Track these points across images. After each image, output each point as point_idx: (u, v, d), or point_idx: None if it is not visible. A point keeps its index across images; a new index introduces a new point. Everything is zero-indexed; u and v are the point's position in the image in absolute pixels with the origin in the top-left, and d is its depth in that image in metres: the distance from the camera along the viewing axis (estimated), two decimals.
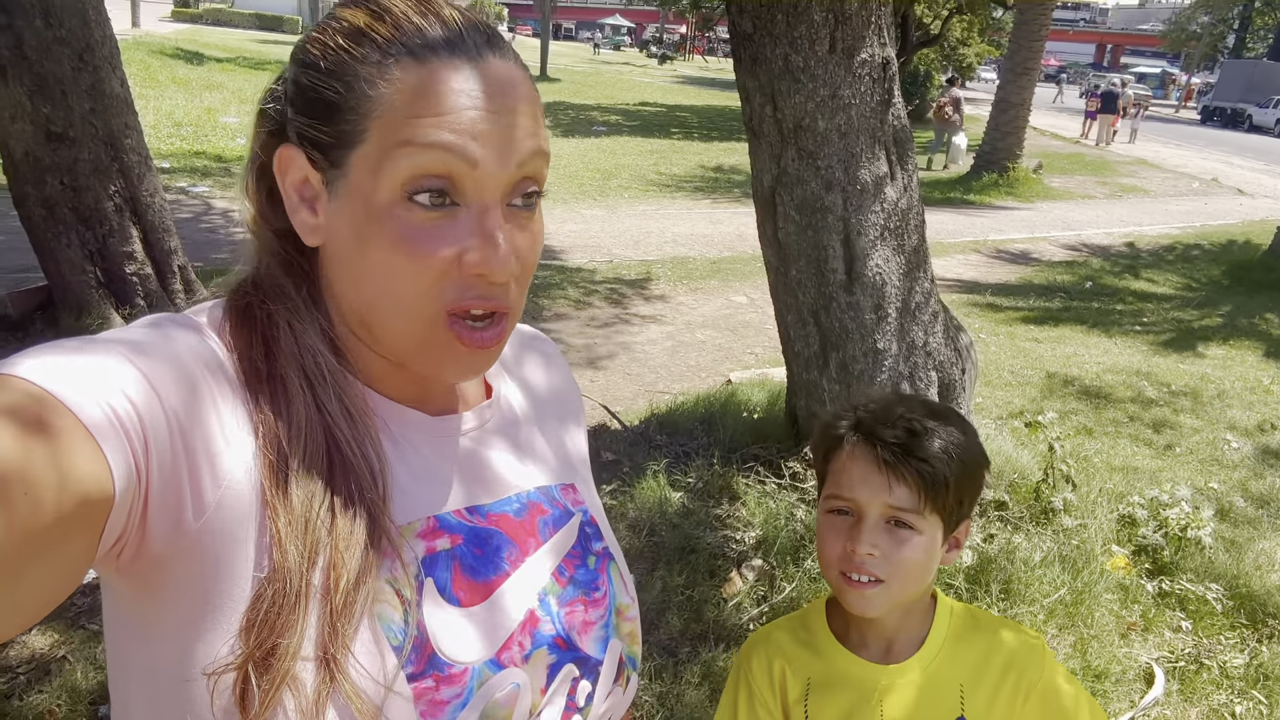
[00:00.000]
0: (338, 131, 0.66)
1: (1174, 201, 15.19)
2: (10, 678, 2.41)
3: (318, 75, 0.66)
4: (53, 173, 4.42)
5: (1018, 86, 14.23)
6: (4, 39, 4.13)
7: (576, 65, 35.92)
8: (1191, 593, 3.05)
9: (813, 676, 1.12)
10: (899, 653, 1.10)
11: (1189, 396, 5.46)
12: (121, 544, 0.57)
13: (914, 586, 1.08)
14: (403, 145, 0.63)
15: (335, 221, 0.68)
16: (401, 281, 0.65)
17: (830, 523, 1.08)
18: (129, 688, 0.66)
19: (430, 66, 0.64)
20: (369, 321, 0.70)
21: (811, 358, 3.47)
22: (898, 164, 3.32)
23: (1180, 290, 8.95)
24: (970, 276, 8.86)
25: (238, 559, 0.61)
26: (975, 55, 22.68)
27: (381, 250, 0.65)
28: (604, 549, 0.84)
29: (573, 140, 15.78)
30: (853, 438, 1.08)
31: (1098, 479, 3.91)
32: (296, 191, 0.69)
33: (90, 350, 0.58)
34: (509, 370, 0.88)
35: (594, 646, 0.78)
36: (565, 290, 7.04)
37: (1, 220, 6.61)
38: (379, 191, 0.64)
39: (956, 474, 1.05)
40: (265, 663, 0.59)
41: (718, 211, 11.05)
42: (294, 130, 0.68)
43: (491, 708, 0.69)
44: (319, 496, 0.64)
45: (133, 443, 0.55)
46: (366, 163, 0.65)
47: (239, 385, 0.65)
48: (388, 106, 0.64)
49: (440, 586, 0.69)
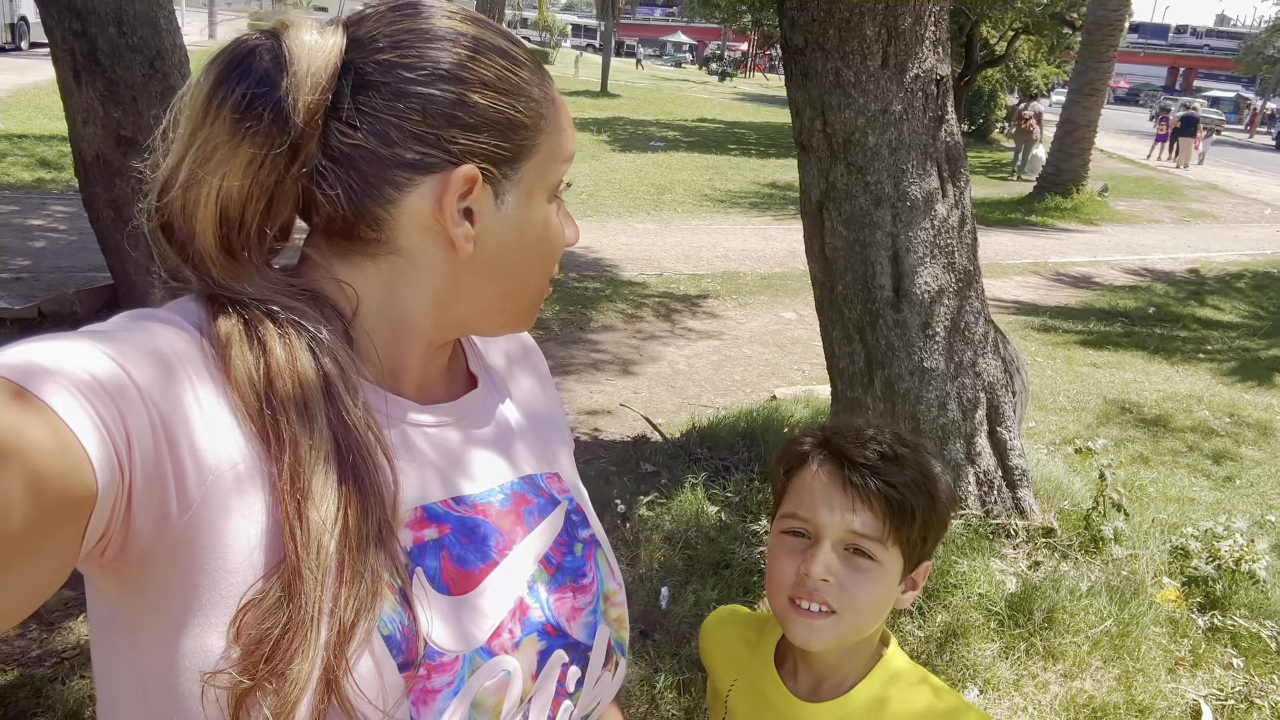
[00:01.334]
0: (516, 145, 0.73)
1: (1244, 228, 14.74)
2: (55, 663, 2.48)
3: (491, 94, 0.71)
4: (121, 175, 4.56)
5: (1083, 107, 13.95)
6: (79, 45, 4.29)
7: (637, 82, 36.15)
8: (1244, 629, 2.94)
9: (739, 679, 1.10)
10: (826, 693, 1.04)
11: (1253, 428, 5.28)
12: (105, 540, 0.57)
13: (866, 624, 1.01)
14: (564, 160, 0.78)
15: (497, 228, 0.74)
16: (552, 260, 0.79)
17: (784, 544, 1.01)
18: (117, 687, 0.66)
19: (555, 87, 0.78)
20: (502, 306, 0.78)
21: (856, 375, 3.42)
22: (949, 180, 3.27)
23: (1247, 318, 8.67)
24: (1029, 299, 8.70)
25: (226, 553, 0.61)
26: (1042, 77, 22.30)
27: (543, 241, 0.77)
28: (590, 536, 0.84)
29: (629, 155, 15.87)
30: (819, 455, 1.02)
31: (1152, 509, 3.79)
32: (460, 209, 0.71)
33: (69, 346, 0.57)
34: (500, 368, 0.90)
35: (583, 632, 0.78)
36: (615, 303, 7.07)
37: (75, 221, 6.85)
38: (538, 194, 0.75)
39: (924, 507, 0.99)
40: (277, 688, 0.58)
41: (771, 228, 11.01)
42: (458, 149, 0.69)
43: (483, 695, 0.69)
44: (334, 515, 0.63)
45: (114, 438, 0.54)
46: (536, 169, 0.75)
47: (221, 379, 0.64)
48: (552, 124, 0.76)
49: (430, 576, 0.69)
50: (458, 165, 0.69)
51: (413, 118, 0.67)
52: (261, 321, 0.67)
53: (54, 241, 6.98)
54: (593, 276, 7.88)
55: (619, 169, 14.19)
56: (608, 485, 3.53)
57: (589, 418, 4.61)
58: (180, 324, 0.66)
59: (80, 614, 2.65)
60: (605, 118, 21.20)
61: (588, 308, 6.81)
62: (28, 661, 2.48)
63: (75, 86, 4.38)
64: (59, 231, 7.25)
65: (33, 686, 2.37)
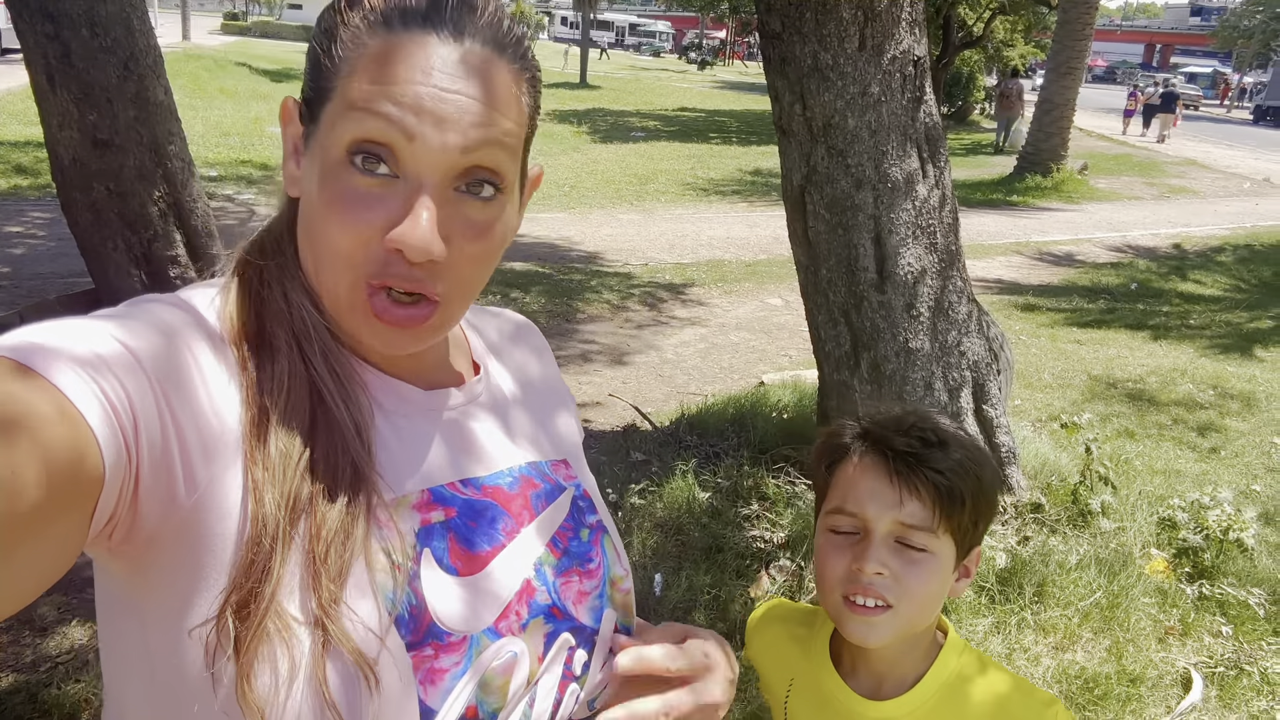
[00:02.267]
0: (318, 87, 0.68)
1: (1224, 202, 14.83)
2: (50, 667, 2.47)
3: (318, 33, 0.69)
4: (99, 179, 4.53)
5: (1061, 86, 13.99)
6: (52, 48, 4.25)
7: (616, 72, 36.05)
8: (1233, 597, 2.98)
9: (796, 679, 1.07)
10: (889, 690, 1.01)
11: (1236, 400, 5.33)
12: (113, 523, 0.57)
13: (923, 617, 0.98)
14: (352, 108, 0.65)
15: (306, 175, 0.70)
16: (331, 239, 0.66)
17: (832, 541, 0.99)
18: (124, 666, 0.67)
19: (398, 38, 0.66)
20: (318, 280, 0.70)
21: (843, 358, 3.44)
22: (929, 160, 3.29)
23: (1229, 292, 8.74)
24: (1012, 278, 8.74)
25: (231, 532, 0.61)
26: (1020, 57, 22.36)
27: (323, 205, 0.66)
28: (597, 522, 0.85)
29: (610, 146, 15.84)
30: (860, 447, 0.99)
31: (1138, 482, 3.83)
32: (292, 142, 0.72)
33: (77, 330, 0.58)
34: (498, 352, 0.90)
35: (589, 616, 0.78)
36: (600, 293, 7.06)
37: (53, 227, 6.80)
38: (331, 149, 0.66)
39: (973, 490, 0.96)
40: (243, 610, 0.59)
41: (754, 215, 11.02)
42: (304, 86, 0.72)
43: (490, 675, 0.69)
44: (298, 447, 0.64)
45: (121, 421, 0.55)
46: (330, 118, 0.67)
47: (228, 354, 0.66)
48: (351, 69, 0.66)
49: (437, 557, 0.70)
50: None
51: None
52: (262, 279, 0.71)
53: (32, 248, 6.92)
54: (578, 268, 7.88)
55: (600, 160, 14.16)
56: (599, 475, 3.50)
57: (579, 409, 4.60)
58: (187, 306, 0.67)
59: (75, 619, 2.64)
60: (585, 109, 21.15)
61: (574, 299, 6.80)
62: (22, 667, 2.47)
63: (49, 90, 4.34)
64: (37, 238, 7.19)
65: (28, 692, 2.36)
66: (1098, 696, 2.52)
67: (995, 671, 1.04)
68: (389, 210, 0.65)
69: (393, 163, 0.65)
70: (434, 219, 0.64)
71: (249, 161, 11.12)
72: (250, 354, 0.66)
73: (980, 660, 1.05)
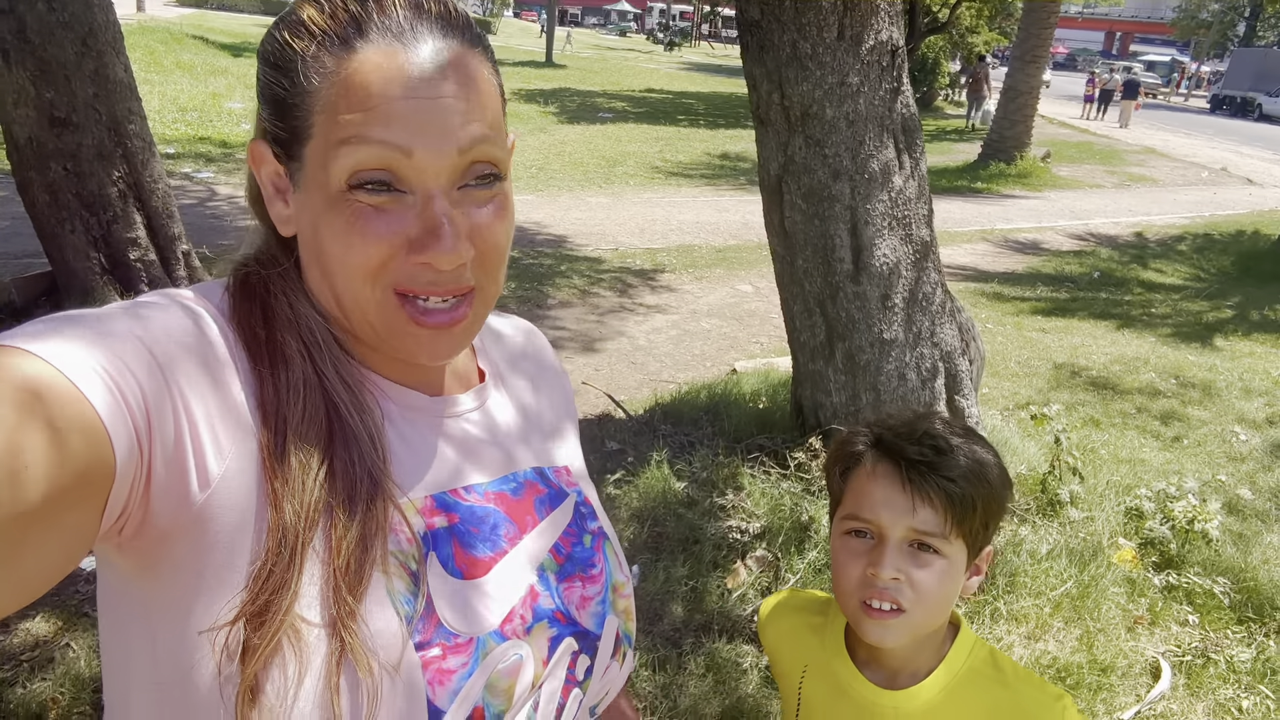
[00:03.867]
0: (290, 127, 0.67)
1: (1183, 191, 15.10)
2: (14, 665, 2.40)
3: (269, 71, 0.67)
4: (56, 158, 4.40)
5: (1026, 74, 14.13)
6: (6, 23, 4.11)
7: (582, 51, 35.77)
8: (1199, 586, 3.03)
9: (810, 664, 1.11)
10: (904, 680, 1.05)
11: (1198, 388, 5.42)
12: (124, 519, 0.57)
13: (936, 617, 1.02)
14: (342, 142, 0.63)
15: (301, 213, 0.69)
16: (352, 264, 0.66)
17: (847, 545, 1.02)
18: (128, 662, 0.66)
19: (359, 56, 0.64)
20: (343, 308, 0.70)
21: (818, 348, 3.44)
22: (905, 151, 3.29)
23: (1189, 281, 8.90)
24: (978, 265, 8.82)
25: (243, 529, 0.61)
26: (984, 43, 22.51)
27: (335, 237, 0.66)
28: (599, 528, 0.86)
29: (578, 127, 15.72)
30: (873, 455, 1.03)
31: (1105, 471, 3.88)
32: (271, 184, 0.71)
33: (91, 324, 0.57)
34: (506, 358, 0.90)
35: (592, 621, 0.79)
36: (570, 278, 7.02)
37: (7, 205, 6.60)
38: (330, 184, 0.65)
39: (983, 496, 0.99)
40: (259, 619, 0.59)
41: (723, 199, 11.01)
42: (263, 125, 0.70)
43: (496, 677, 0.70)
44: (317, 458, 0.64)
45: (134, 416, 0.55)
46: (317, 156, 0.66)
47: (240, 356, 0.66)
48: (324, 101, 0.64)
49: (443, 560, 0.70)
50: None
51: (259, 94, 0.70)
52: (269, 290, 0.70)
53: None
54: (547, 252, 7.82)
55: (568, 141, 14.06)
56: None
57: None
58: (203, 303, 0.67)
59: (37, 614, 2.58)
60: (551, 89, 20.97)
61: (544, 284, 6.75)
62: None
63: (4, 66, 4.20)
64: None
65: None
66: (1069, 686, 2.56)
67: (1006, 665, 1.08)
68: (406, 223, 0.65)
69: (397, 181, 0.65)
70: (453, 225, 0.66)
71: (208, 139, 10.88)
72: (262, 360, 0.66)
73: (992, 654, 1.09)
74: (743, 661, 2.60)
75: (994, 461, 1.03)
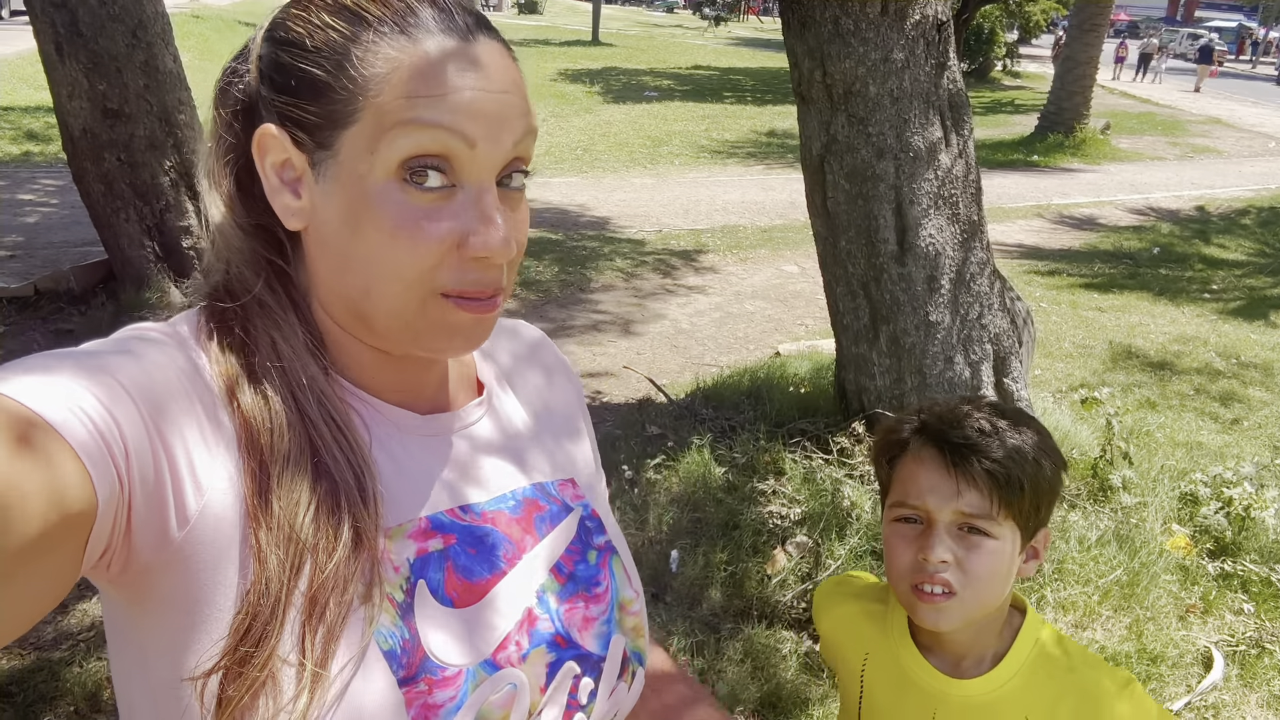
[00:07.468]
0: (326, 111, 0.64)
1: (1249, 163, 14.56)
2: (71, 645, 2.49)
3: (303, 54, 0.64)
4: (110, 149, 4.50)
5: (1084, 44, 13.71)
6: (60, 17, 4.20)
7: (629, 29, 35.56)
8: (1255, 574, 2.94)
9: (871, 653, 1.11)
10: (969, 667, 1.05)
11: (1259, 369, 5.25)
12: (109, 556, 0.57)
13: (990, 599, 1.02)
14: (401, 125, 0.62)
15: (323, 204, 0.66)
16: (399, 265, 0.64)
17: (898, 531, 1.04)
18: (131, 696, 0.67)
19: (424, 45, 0.63)
20: (361, 308, 0.67)
21: (861, 331, 3.39)
22: (952, 129, 3.21)
23: (1253, 256, 8.60)
24: (1032, 242, 8.62)
25: (223, 568, 0.60)
26: (1041, 11, 21.90)
27: (379, 233, 0.63)
28: (606, 543, 0.82)
29: (623, 106, 15.65)
30: (917, 441, 1.04)
31: (1160, 455, 3.78)
32: (277, 174, 0.67)
33: (68, 364, 0.57)
34: (507, 370, 0.87)
35: (595, 643, 0.76)
36: (613, 260, 7.01)
37: (66, 194, 6.78)
38: (374, 172, 0.63)
39: (1031, 476, 1.00)
40: (239, 670, 0.59)
41: (770, 178, 10.89)
42: (273, 111, 0.66)
43: (487, 709, 0.67)
44: (302, 506, 0.63)
45: (114, 455, 0.54)
46: (359, 143, 0.63)
47: (219, 394, 0.64)
48: (382, 87, 0.62)
49: (432, 588, 0.68)
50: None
51: (265, 77, 0.67)
52: (246, 329, 0.68)
53: (46, 216, 6.91)
54: (590, 235, 7.81)
55: (613, 121, 14.02)
56: (614, 450, 3.52)
57: (592, 380, 4.58)
58: (181, 340, 0.66)
59: (94, 594, 2.66)
60: (598, 68, 20.90)
61: (586, 267, 6.75)
62: (43, 645, 2.49)
63: (58, 59, 4.31)
64: (50, 206, 7.18)
65: (50, 670, 2.38)
66: None
67: (1073, 649, 1.08)
68: (460, 222, 0.64)
69: (451, 172, 0.63)
70: (504, 217, 0.65)
71: None
72: (240, 400, 0.64)
73: (1059, 638, 1.09)
74: (782, 647, 2.59)
75: (1041, 442, 1.03)
